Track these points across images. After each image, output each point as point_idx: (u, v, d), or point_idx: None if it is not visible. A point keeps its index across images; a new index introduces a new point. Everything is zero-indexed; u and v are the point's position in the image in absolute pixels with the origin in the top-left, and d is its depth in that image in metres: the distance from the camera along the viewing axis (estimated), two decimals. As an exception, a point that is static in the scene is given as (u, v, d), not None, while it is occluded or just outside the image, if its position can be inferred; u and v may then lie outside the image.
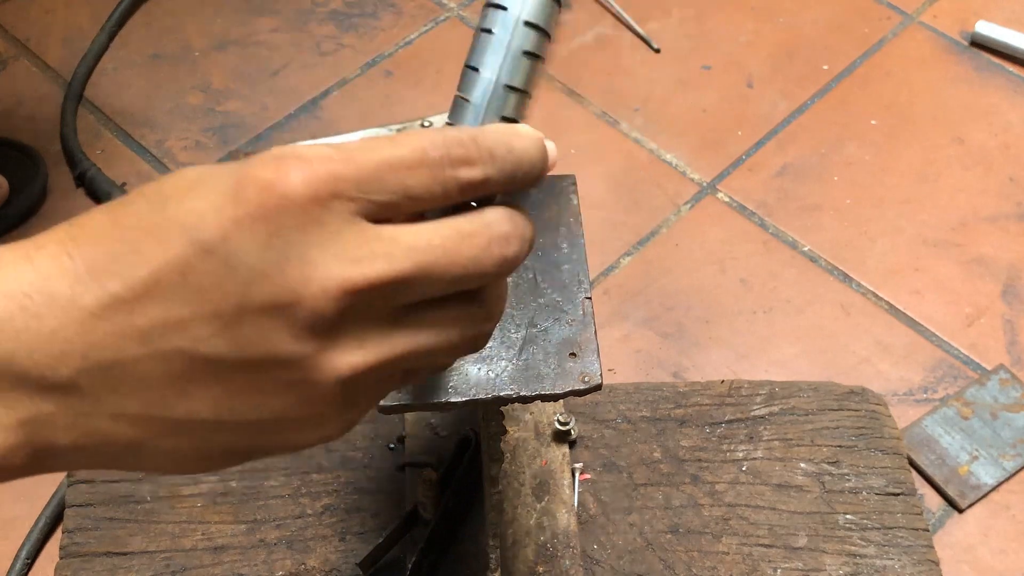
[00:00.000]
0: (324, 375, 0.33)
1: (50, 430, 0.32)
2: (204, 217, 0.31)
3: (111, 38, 1.24)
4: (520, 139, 0.36)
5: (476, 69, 0.41)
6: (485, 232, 0.35)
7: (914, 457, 0.91)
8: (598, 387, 0.60)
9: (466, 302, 0.35)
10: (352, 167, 0.32)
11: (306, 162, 0.32)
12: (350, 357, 0.33)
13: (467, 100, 0.40)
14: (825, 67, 1.21)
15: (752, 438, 0.89)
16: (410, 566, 0.80)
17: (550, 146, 0.38)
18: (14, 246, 0.33)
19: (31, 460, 0.33)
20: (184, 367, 0.32)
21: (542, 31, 0.43)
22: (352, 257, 0.32)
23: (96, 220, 0.33)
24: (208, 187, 0.32)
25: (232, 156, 1.11)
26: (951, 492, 0.89)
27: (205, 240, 0.31)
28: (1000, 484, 0.90)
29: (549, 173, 0.39)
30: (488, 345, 0.61)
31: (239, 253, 0.31)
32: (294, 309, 0.32)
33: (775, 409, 0.91)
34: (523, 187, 0.37)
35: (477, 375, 0.60)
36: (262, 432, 0.34)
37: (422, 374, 0.37)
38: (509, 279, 0.64)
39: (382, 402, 0.59)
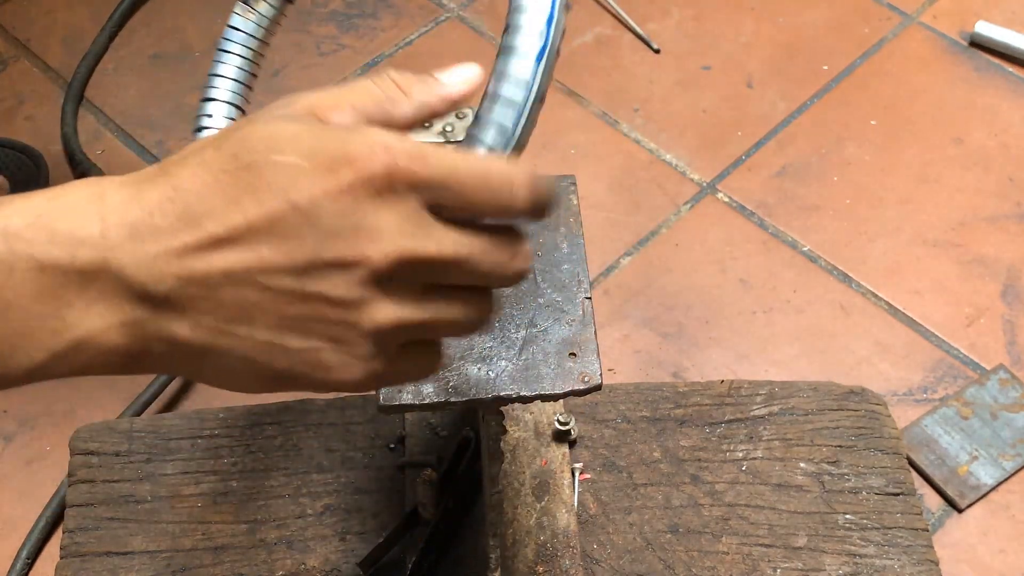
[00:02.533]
0: (363, 321, 0.41)
1: (141, 333, 0.40)
2: (300, 184, 0.39)
3: (111, 38, 1.25)
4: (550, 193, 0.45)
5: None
6: (510, 249, 0.43)
7: (914, 457, 0.91)
8: (598, 387, 0.60)
9: (481, 293, 0.44)
10: (428, 169, 0.40)
11: (394, 158, 0.40)
12: (387, 312, 0.41)
13: (505, 126, 0.47)
14: (825, 67, 1.21)
15: (752, 438, 0.89)
16: (410, 566, 0.80)
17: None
18: (120, 181, 0.41)
19: (126, 360, 0.41)
20: (256, 298, 0.40)
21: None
22: (411, 235, 0.40)
23: (196, 173, 0.40)
24: (303, 154, 0.40)
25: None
26: (951, 492, 0.89)
27: (298, 202, 0.39)
28: (999, 484, 0.90)
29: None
30: (488, 345, 0.61)
31: (324, 216, 0.39)
32: (356, 265, 0.40)
33: (775, 409, 0.91)
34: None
35: (477, 375, 0.60)
36: (303, 362, 0.42)
37: (431, 350, 0.46)
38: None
39: (382, 402, 0.59)
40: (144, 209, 0.39)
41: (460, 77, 0.47)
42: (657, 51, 1.22)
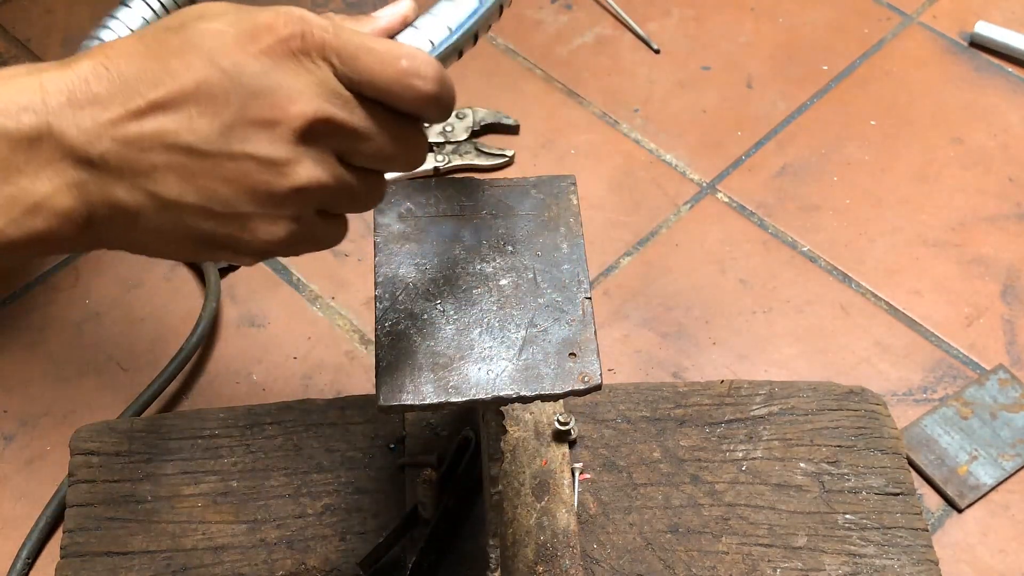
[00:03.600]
0: (285, 180, 0.44)
1: (86, 196, 0.43)
2: (225, 47, 0.42)
3: (111, 38, 1.24)
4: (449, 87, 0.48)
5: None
6: (414, 136, 0.48)
7: (913, 457, 0.91)
8: (598, 387, 0.60)
9: (379, 176, 0.49)
10: (339, 40, 0.44)
11: (310, 26, 0.44)
12: (307, 171, 0.45)
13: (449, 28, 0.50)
14: (825, 67, 1.21)
15: (752, 438, 0.89)
16: (410, 566, 0.80)
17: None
18: (50, 63, 0.44)
19: (80, 228, 0.44)
20: (185, 159, 0.43)
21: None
22: (327, 99, 0.44)
23: (127, 43, 0.43)
24: (228, 22, 0.43)
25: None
26: (950, 492, 0.89)
27: (224, 65, 0.42)
28: (999, 484, 0.90)
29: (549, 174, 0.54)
30: (488, 345, 0.61)
31: (246, 77, 0.43)
32: (278, 123, 0.43)
33: (775, 409, 0.91)
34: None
35: (477, 375, 0.60)
36: (229, 223, 0.45)
37: (339, 221, 0.50)
38: (509, 279, 0.64)
39: (382, 402, 0.59)
40: (80, 76, 0.43)
41: (392, 11, 0.50)
42: (657, 51, 1.22)
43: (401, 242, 0.66)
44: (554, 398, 0.60)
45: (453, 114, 1.15)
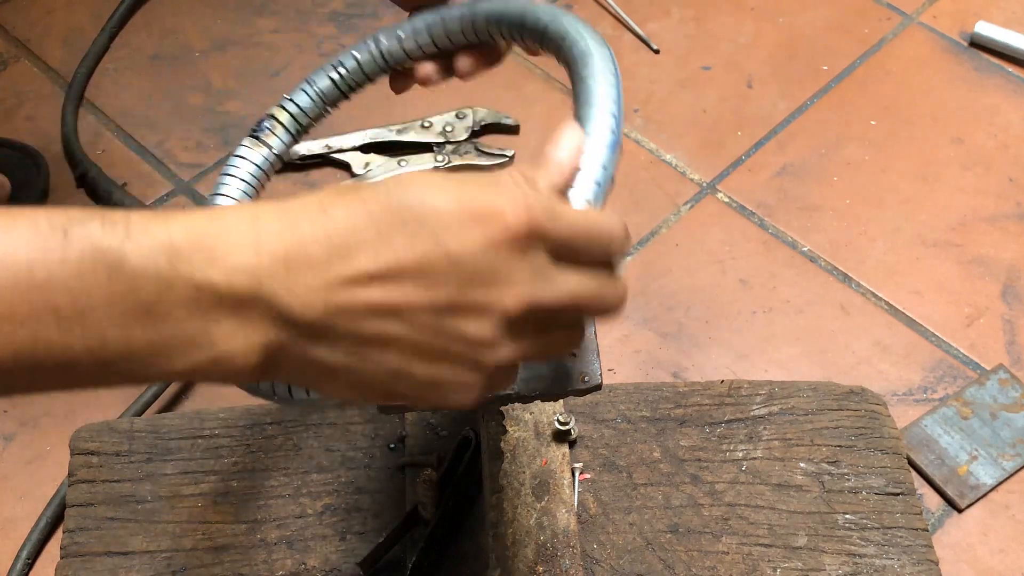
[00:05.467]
0: (488, 358, 0.45)
1: (279, 353, 0.43)
2: (450, 228, 0.42)
3: (111, 39, 1.25)
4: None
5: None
6: (613, 285, 0.48)
7: (913, 457, 0.91)
8: (598, 387, 0.60)
9: (579, 324, 0.49)
10: (559, 227, 0.45)
11: (534, 213, 0.44)
12: (509, 350, 0.45)
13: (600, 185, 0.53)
14: (825, 67, 1.21)
15: (752, 438, 0.89)
16: (410, 566, 0.80)
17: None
18: (275, 209, 0.43)
19: (254, 375, 0.43)
20: (395, 330, 0.43)
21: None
22: (539, 285, 0.44)
23: (350, 205, 0.43)
24: (453, 200, 0.43)
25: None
26: (950, 492, 0.89)
27: (448, 247, 0.42)
28: (999, 484, 0.90)
29: None
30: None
31: (469, 263, 0.43)
32: (492, 309, 0.43)
33: (775, 409, 0.91)
34: None
35: (477, 375, 0.60)
36: (423, 387, 0.45)
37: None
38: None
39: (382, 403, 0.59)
40: (298, 239, 0.42)
41: (568, 150, 0.51)
42: (657, 51, 1.22)
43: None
44: (554, 398, 0.60)
45: (453, 114, 1.15)
